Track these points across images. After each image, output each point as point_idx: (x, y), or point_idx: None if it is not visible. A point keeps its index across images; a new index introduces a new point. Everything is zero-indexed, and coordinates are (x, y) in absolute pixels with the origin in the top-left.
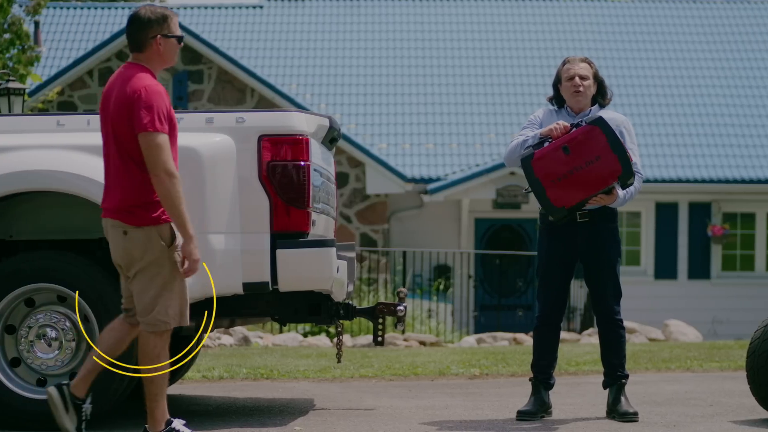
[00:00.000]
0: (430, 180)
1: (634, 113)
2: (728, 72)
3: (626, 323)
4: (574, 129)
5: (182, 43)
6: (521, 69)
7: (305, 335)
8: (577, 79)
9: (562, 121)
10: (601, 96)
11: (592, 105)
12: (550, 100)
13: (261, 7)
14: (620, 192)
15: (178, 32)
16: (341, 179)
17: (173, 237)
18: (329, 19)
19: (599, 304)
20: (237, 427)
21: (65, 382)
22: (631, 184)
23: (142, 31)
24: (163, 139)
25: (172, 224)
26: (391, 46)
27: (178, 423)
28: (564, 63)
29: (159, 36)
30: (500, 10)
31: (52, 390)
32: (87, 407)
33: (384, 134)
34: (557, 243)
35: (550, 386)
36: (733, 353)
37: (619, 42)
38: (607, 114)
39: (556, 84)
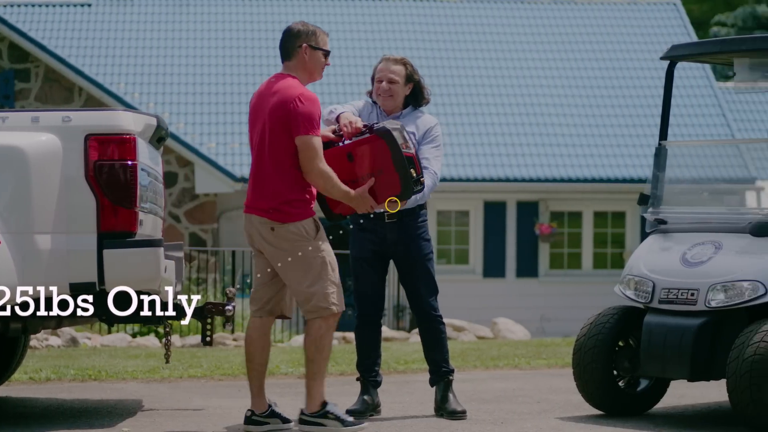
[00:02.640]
0: None
1: (462, 113)
2: (555, 72)
3: (455, 321)
4: (364, 134)
5: (328, 59)
6: (350, 68)
7: (134, 336)
8: (384, 84)
9: (357, 121)
10: (414, 98)
11: (405, 106)
12: (369, 94)
13: (89, 5)
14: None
15: (326, 47)
16: (170, 179)
17: (317, 228)
18: (158, 18)
19: (416, 302)
20: (64, 430)
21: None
22: (415, 193)
23: (291, 41)
24: (318, 142)
25: (314, 218)
26: (220, 44)
27: (333, 407)
28: (380, 61)
29: (305, 46)
30: (330, 9)
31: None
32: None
33: (213, 134)
34: (367, 242)
35: (378, 384)
36: (560, 350)
37: (447, 42)
38: (419, 113)
39: (373, 79)
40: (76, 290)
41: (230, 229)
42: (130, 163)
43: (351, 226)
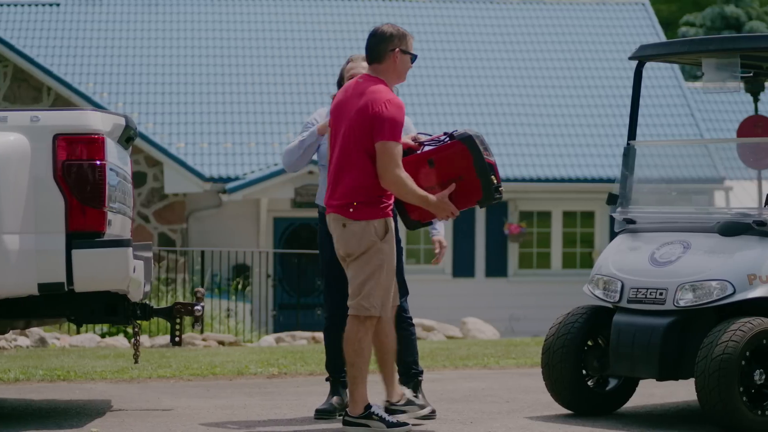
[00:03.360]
0: (228, 179)
1: (432, 112)
2: (524, 72)
3: (425, 321)
4: (444, 140)
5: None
6: (319, 68)
7: (103, 336)
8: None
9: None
10: None
11: None
12: (333, 98)
13: (58, 5)
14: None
15: (413, 51)
16: (139, 179)
17: (387, 230)
18: (127, 17)
19: None
20: (33, 430)
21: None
22: (495, 201)
23: (383, 43)
24: (397, 149)
25: (386, 220)
26: (189, 44)
27: (377, 408)
28: (347, 62)
29: (398, 50)
30: (299, 9)
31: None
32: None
33: (182, 133)
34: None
35: (347, 384)
36: (529, 350)
37: (416, 42)
38: None
39: (340, 82)
40: (44, 290)
41: (199, 229)
42: (98, 162)
43: (318, 227)
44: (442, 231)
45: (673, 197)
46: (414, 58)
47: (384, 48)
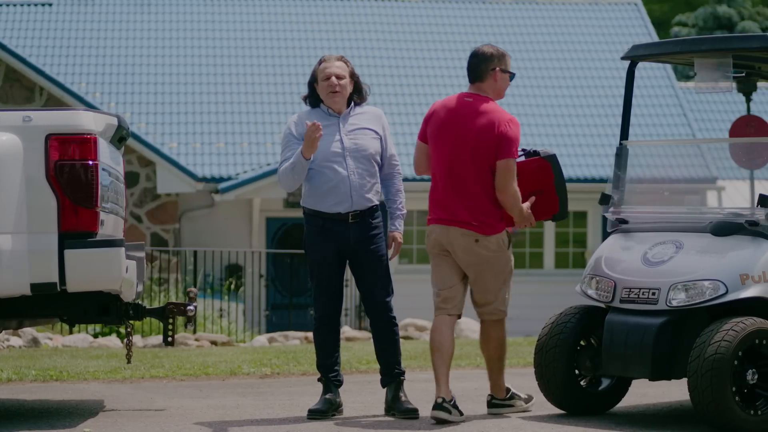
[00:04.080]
0: (221, 179)
1: (424, 113)
2: (517, 72)
3: (418, 321)
4: (530, 155)
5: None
6: (312, 69)
7: (95, 336)
8: (333, 78)
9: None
10: (357, 94)
11: (349, 104)
12: (305, 99)
13: (50, 4)
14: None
15: (508, 65)
16: (131, 179)
17: (509, 240)
18: (119, 17)
19: (372, 302)
20: (26, 430)
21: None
22: (566, 217)
23: (484, 63)
24: (515, 165)
25: (507, 230)
26: (182, 44)
27: (514, 390)
28: (320, 62)
29: (498, 69)
30: (292, 9)
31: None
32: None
33: (174, 133)
34: (330, 243)
35: (340, 384)
36: (522, 350)
37: (407, 42)
38: (365, 108)
39: (312, 83)
40: (37, 290)
41: (192, 229)
42: (90, 162)
43: (306, 228)
44: (401, 227)
45: (666, 197)
46: (512, 76)
47: (485, 68)
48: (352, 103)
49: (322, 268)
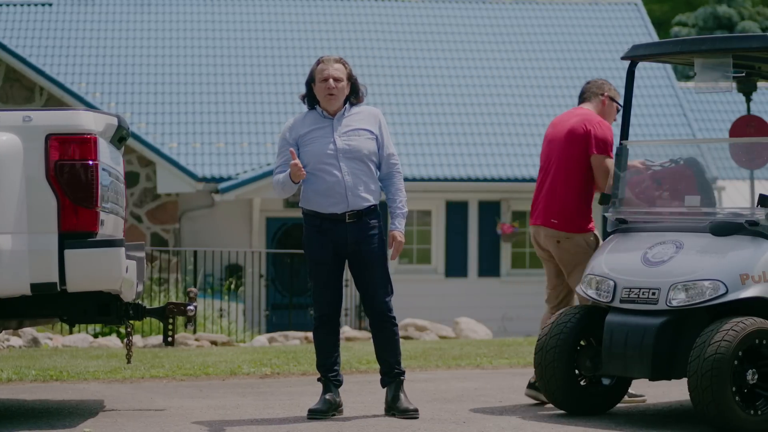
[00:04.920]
0: (221, 179)
1: (424, 112)
2: (516, 72)
3: (418, 321)
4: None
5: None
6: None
7: (95, 336)
8: (331, 81)
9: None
10: (354, 95)
11: (344, 105)
12: (303, 98)
13: (50, 4)
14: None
15: (620, 101)
16: (131, 179)
17: (597, 242)
18: (119, 17)
19: (371, 302)
20: (25, 430)
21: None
22: None
23: (596, 89)
24: (611, 162)
25: (595, 233)
26: (182, 44)
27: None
28: (318, 63)
29: (607, 95)
30: (292, 9)
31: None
32: None
33: (174, 133)
34: (329, 243)
35: (340, 384)
36: (522, 350)
37: (408, 42)
38: (361, 108)
39: (310, 83)
40: (37, 290)
41: (192, 229)
42: (91, 162)
43: (305, 228)
44: (401, 226)
45: (666, 197)
46: (619, 109)
47: (595, 92)
48: (348, 104)
49: (322, 268)
